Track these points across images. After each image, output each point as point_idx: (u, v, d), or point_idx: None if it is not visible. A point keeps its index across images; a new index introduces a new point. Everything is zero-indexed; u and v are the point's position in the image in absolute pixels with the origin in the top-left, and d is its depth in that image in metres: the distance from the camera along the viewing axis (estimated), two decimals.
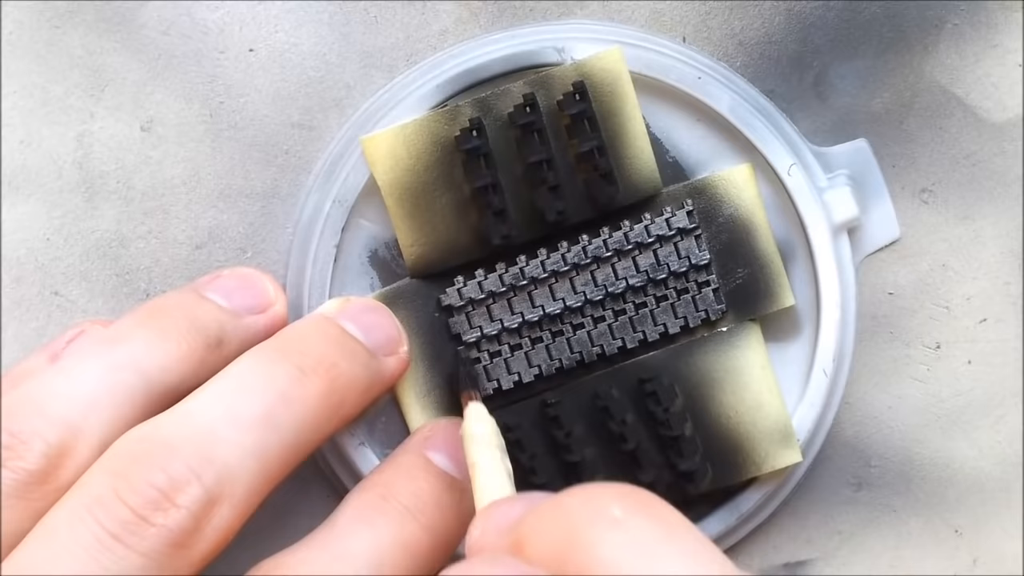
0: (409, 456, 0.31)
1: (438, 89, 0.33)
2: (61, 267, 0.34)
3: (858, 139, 0.35)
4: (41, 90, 0.34)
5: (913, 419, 0.36)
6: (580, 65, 0.32)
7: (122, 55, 0.34)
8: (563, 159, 0.32)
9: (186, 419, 0.27)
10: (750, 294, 0.33)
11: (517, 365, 0.33)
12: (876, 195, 0.35)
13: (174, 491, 0.26)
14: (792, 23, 0.35)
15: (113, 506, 0.26)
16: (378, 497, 0.29)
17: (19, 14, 0.33)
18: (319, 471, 0.34)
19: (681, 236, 0.33)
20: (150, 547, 0.25)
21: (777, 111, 0.34)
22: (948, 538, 0.36)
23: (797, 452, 0.33)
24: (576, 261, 0.33)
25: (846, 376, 0.35)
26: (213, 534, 0.26)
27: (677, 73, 0.33)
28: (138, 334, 0.29)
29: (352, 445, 0.33)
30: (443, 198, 0.33)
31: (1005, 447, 0.36)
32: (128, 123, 0.34)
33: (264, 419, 0.27)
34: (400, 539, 0.28)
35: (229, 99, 0.34)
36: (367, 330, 0.31)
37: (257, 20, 0.34)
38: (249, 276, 0.32)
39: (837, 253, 0.34)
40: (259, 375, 0.28)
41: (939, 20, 0.35)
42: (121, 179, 0.34)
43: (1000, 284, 0.35)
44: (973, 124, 0.35)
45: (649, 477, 0.32)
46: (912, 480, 0.36)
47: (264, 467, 0.27)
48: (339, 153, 0.33)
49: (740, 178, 0.33)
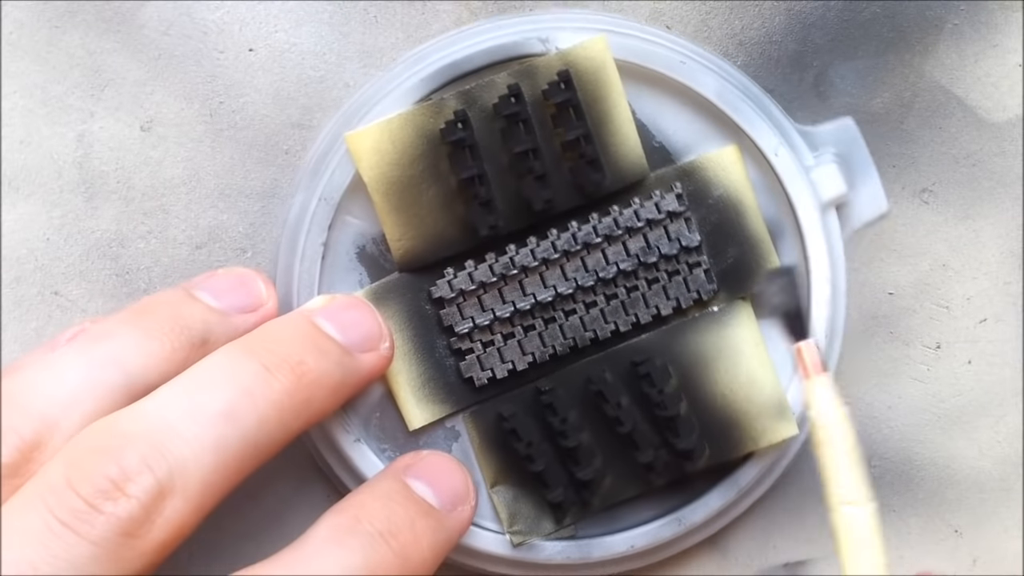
0: (387, 481, 0.30)
1: (422, 83, 0.32)
2: (61, 267, 0.34)
3: (844, 117, 0.35)
4: (41, 90, 0.34)
5: (913, 419, 0.36)
6: (565, 54, 0.32)
7: (122, 55, 0.34)
8: (549, 148, 0.32)
9: (146, 413, 0.27)
10: (741, 273, 0.34)
11: (511, 354, 0.33)
12: (863, 171, 0.35)
13: (125, 481, 0.26)
14: (792, 23, 0.35)
15: (64, 495, 0.26)
16: (352, 519, 0.29)
17: (19, 14, 0.33)
18: (318, 470, 0.34)
19: (671, 219, 0.33)
20: (99, 535, 0.26)
21: (763, 93, 0.34)
22: (948, 538, 0.36)
23: (793, 425, 0.33)
24: (566, 248, 0.33)
25: (838, 352, 0.35)
26: (165, 525, 0.26)
27: (661, 59, 0.33)
28: (123, 332, 0.29)
29: (348, 442, 0.33)
30: (430, 191, 0.33)
31: (1005, 447, 0.36)
32: (128, 123, 0.34)
33: (224, 414, 0.27)
34: (371, 562, 0.28)
35: (229, 99, 0.34)
36: (344, 328, 0.31)
37: (257, 20, 0.34)
38: (242, 275, 0.32)
39: (826, 230, 0.34)
40: (223, 371, 0.28)
41: (939, 20, 0.35)
42: (121, 179, 0.34)
43: (1000, 284, 0.35)
44: (973, 124, 0.35)
45: (647, 458, 0.33)
46: (912, 480, 0.36)
47: (221, 462, 0.27)
48: (324, 150, 0.33)
49: (728, 159, 0.33)
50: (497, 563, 0.34)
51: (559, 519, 0.33)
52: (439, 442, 0.34)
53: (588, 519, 0.34)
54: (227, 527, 0.34)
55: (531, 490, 0.33)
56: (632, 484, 0.33)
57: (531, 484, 0.33)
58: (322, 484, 0.34)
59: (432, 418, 0.33)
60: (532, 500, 0.33)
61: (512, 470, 0.33)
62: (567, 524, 0.33)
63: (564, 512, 0.33)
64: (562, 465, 0.33)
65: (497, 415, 0.33)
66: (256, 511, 0.34)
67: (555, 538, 0.34)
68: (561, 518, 0.33)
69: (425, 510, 0.30)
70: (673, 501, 0.34)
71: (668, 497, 0.34)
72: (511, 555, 0.33)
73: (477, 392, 0.33)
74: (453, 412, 0.33)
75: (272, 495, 0.34)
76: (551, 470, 0.33)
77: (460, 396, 0.33)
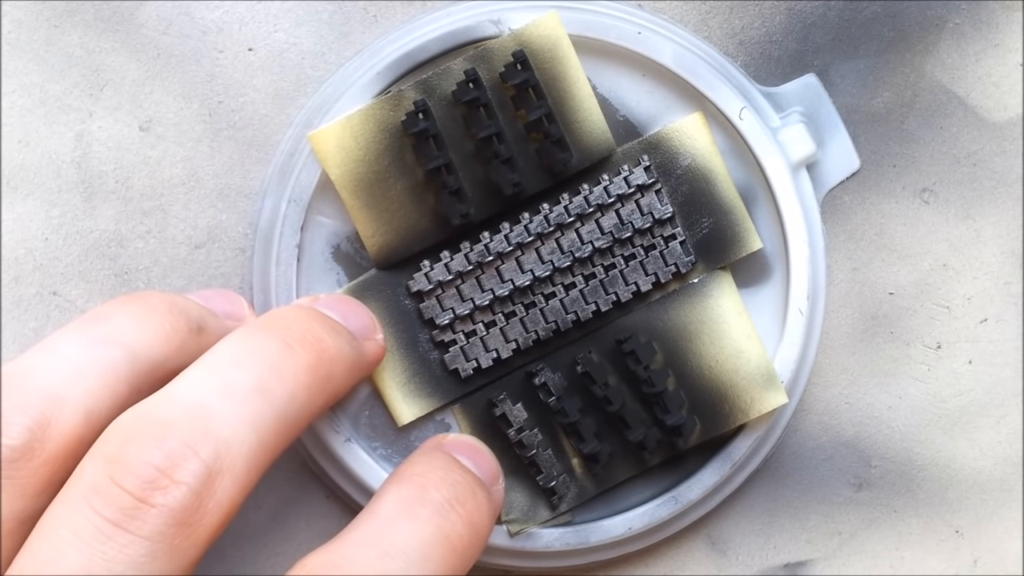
0: (437, 453, 0.30)
1: (379, 76, 0.32)
2: (60, 267, 0.34)
3: (807, 74, 0.35)
4: (40, 89, 0.33)
5: (914, 419, 0.36)
6: (518, 34, 0.32)
7: (121, 54, 0.34)
8: (513, 131, 0.32)
9: (177, 396, 0.26)
10: (717, 242, 0.33)
11: (494, 342, 0.33)
12: (831, 129, 0.35)
13: (172, 468, 0.25)
14: (793, 22, 0.34)
15: (110, 492, 0.25)
16: (418, 487, 0.28)
17: (18, 13, 0.33)
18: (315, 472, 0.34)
19: (641, 192, 0.33)
20: (153, 529, 0.25)
21: (722, 56, 0.34)
22: (949, 538, 0.36)
23: (783, 394, 0.33)
24: (539, 231, 0.33)
25: (822, 315, 0.35)
26: (217, 509, 0.25)
27: (616, 31, 0.33)
28: (121, 312, 0.29)
29: (339, 442, 0.33)
30: (398, 184, 0.32)
31: (1006, 447, 0.36)
32: (127, 122, 0.34)
33: (257, 390, 0.27)
34: (443, 532, 0.28)
35: (228, 98, 0.34)
36: (343, 316, 0.31)
37: (256, 19, 0.34)
38: (228, 292, 0.32)
39: (799, 191, 0.34)
40: (247, 349, 0.28)
41: (940, 19, 0.35)
42: (120, 179, 0.34)
43: (1001, 284, 0.35)
44: (974, 124, 0.35)
45: (638, 436, 0.33)
46: (913, 480, 0.36)
47: (261, 438, 0.26)
48: (289, 152, 0.33)
49: (692, 127, 0.33)
50: (496, 554, 0.34)
51: (554, 506, 0.33)
52: (429, 436, 0.34)
53: (584, 504, 0.34)
54: (228, 527, 0.34)
55: (524, 478, 0.33)
56: (625, 465, 0.33)
57: (524, 472, 0.33)
58: (323, 486, 0.34)
59: (420, 413, 0.33)
60: (526, 489, 0.33)
61: (504, 459, 0.33)
62: (563, 511, 0.33)
63: (559, 498, 0.33)
64: (554, 450, 0.33)
65: (487, 402, 0.33)
66: (257, 511, 0.34)
67: (552, 525, 0.34)
68: (556, 505, 0.33)
69: (478, 480, 0.30)
70: (668, 480, 0.34)
71: (662, 477, 0.34)
72: (509, 545, 0.33)
73: (464, 384, 0.33)
74: (441, 405, 0.33)
75: (272, 495, 0.34)
76: (542, 456, 0.33)
77: (447, 389, 0.33)
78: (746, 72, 0.34)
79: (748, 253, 0.33)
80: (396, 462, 0.34)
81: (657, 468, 0.34)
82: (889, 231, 0.35)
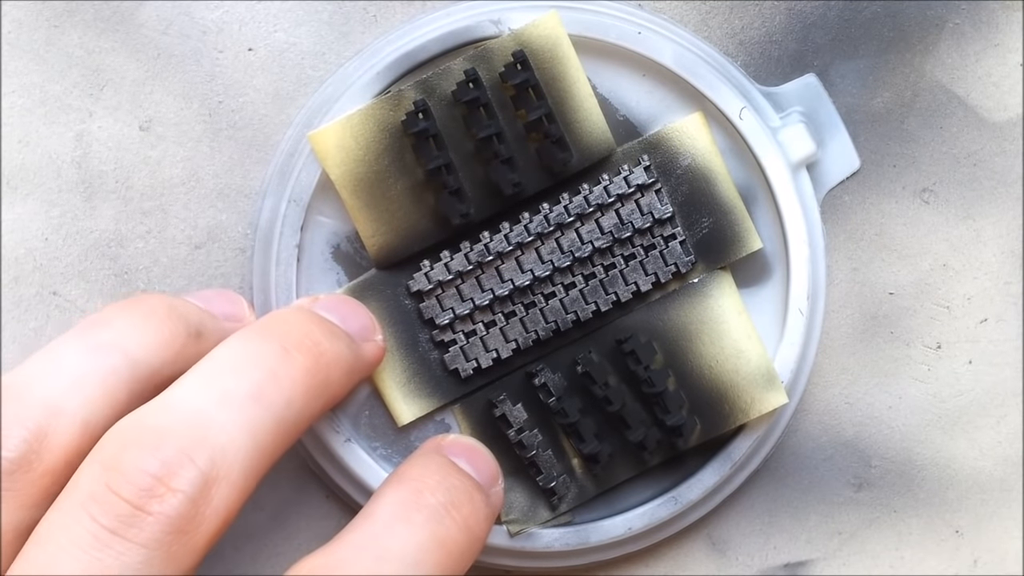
0: (434, 456, 0.30)
1: (379, 76, 0.32)
2: (60, 267, 0.34)
3: (807, 74, 0.35)
4: (40, 89, 0.33)
5: (914, 419, 0.36)
6: (518, 34, 0.32)
7: (121, 54, 0.34)
8: (513, 131, 0.32)
9: (174, 403, 0.26)
10: (717, 242, 0.33)
11: (494, 342, 0.33)
12: (831, 128, 0.35)
13: (168, 475, 0.25)
14: (793, 22, 0.34)
15: (107, 500, 0.25)
16: (414, 492, 0.28)
17: (18, 13, 0.33)
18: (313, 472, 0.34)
19: (641, 192, 0.33)
20: (150, 537, 0.25)
21: (722, 56, 0.34)
22: (949, 538, 0.36)
23: (783, 394, 0.33)
24: (539, 230, 0.33)
25: (822, 315, 0.35)
26: (213, 516, 0.26)
27: (616, 31, 0.33)
28: (120, 317, 0.29)
29: (339, 442, 0.33)
30: (398, 184, 0.32)
31: (1006, 447, 0.36)
32: (127, 122, 0.34)
33: (254, 396, 0.27)
34: (438, 537, 0.28)
35: (228, 98, 0.34)
36: (343, 318, 0.31)
37: (256, 19, 0.34)
38: (228, 292, 0.32)
39: (799, 190, 0.34)
40: (244, 354, 0.28)
41: (940, 19, 0.35)
42: (120, 179, 0.34)
43: (1001, 284, 0.35)
44: (974, 124, 0.35)
45: (638, 436, 0.33)
46: (913, 480, 0.36)
47: (258, 444, 0.26)
48: (289, 152, 0.33)
49: (693, 127, 0.33)
50: (496, 554, 0.34)
51: (554, 506, 0.33)
52: (429, 436, 0.34)
53: (584, 504, 0.34)
54: (226, 531, 0.34)
55: (524, 478, 0.33)
56: (625, 465, 0.33)
57: (524, 473, 0.33)
58: (323, 487, 0.34)
59: (420, 413, 0.33)
60: (526, 489, 0.33)
61: (504, 460, 0.33)
62: (563, 511, 0.33)
63: (559, 498, 0.33)
64: (554, 451, 0.33)
65: (487, 403, 0.33)
66: (257, 511, 0.34)
67: (552, 525, 0.34)
68: (556, 505, 0.33)
69: (475, 484, 0.30)
70: (668, 481, 0.34)
71: (662, 477, 0.34)
72: (510, 545, 0.33)
73: (464, 384, 0.33)
74: (441, 406, 0.33)
75: (273, 495, 0.34)
76: (542, 456, 0.33)
77: (447, 389, 0.33)
78: (746, 72, 0.34)
79: (748, 253, 0.33)
80: (396, 462, 0.34)
81: (657, 468, 0.34)
82: (889, 231, 0.35)
